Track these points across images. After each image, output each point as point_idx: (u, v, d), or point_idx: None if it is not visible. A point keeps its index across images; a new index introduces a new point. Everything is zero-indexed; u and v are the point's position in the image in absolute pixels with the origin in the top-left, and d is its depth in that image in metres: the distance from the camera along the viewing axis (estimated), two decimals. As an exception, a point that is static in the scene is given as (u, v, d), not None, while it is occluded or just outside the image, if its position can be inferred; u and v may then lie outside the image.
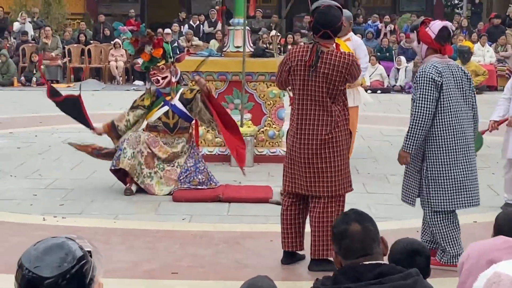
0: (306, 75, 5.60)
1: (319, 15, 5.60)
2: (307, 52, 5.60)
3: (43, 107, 15.61)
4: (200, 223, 7.23)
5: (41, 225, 7.08)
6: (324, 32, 5.58)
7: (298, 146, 5.69)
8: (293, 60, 5.67)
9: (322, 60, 5.56)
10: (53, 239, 2.66)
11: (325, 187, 5.69)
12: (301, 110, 5.67)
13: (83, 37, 22.05)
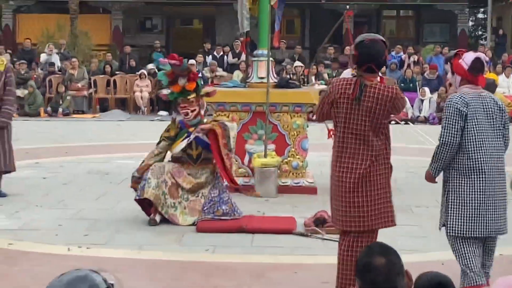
0: (349, 108, 5.59)
1: (363, 49, 5.60)
2: (351, 85, 5.60)
3: (69, 138, 15.75)
4: (224, 254, 7.22)
5: (66, 256, 7.11)
6: (368, 66, 5.58)
7: (337, 179, 5.65)
8: (336, 93, 5.66)
9: (366, 93, 5.55)
10: (77, 271, 2.66)
11: (357, 221, 5.60)
12: (342, 143, 5.64)
13: (108, 68, 22.24)
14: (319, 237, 7.77)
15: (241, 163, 10.10)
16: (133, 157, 12.84)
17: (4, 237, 7.75)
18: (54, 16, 27.59)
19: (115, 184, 10.58)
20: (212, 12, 29.80)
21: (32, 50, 24.08)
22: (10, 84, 9.44)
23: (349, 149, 5.61)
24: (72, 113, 20.63)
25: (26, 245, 7.51)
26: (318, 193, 9.91)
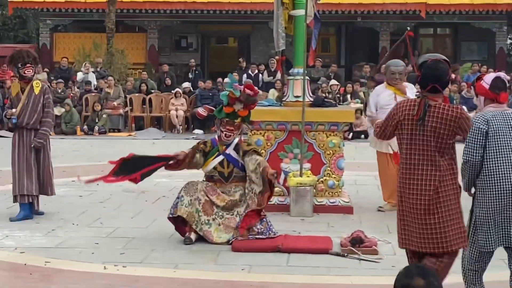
0: (414, 129, 5.61)
1: (427, 70, 5.64)
2: (415, 106, 5.62)
3: (105, 156, 15.83)
4: (260, 274, 7.19)
5: (102, 274, 7.13)
6: (432, 86, 5.60)
7: (409, 201, 5.63)
8: (401, 115, 5.68)
9: (430, 113, 5.57)
10: None
11: (436, 243, 5.59)
12: (409, 165, 5.64)
13: (144, 86, 22.40)
14: (355, 257, 7.71)
15: (276, 182, 10.06)
16: (169, 176, 12.89)
17: (41, 255, 7.80)
18: (90, 35, 27.91)
19: (150, 203, 10.61)
20: (247, 31, 29.91)
21: (68, 69, 24.35)
22: (48, 106, 9.50)
23: (416, 170, 5.61)
24: (108, 132, 20.79)
25: (62, 263, 7.54)
26: (354, 212, 9.85)
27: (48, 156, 9.58)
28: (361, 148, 17.08)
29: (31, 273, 7.08)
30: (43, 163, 9.51)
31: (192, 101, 21.88)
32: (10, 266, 7.43)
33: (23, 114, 9.40)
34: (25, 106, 9.41)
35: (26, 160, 9.38)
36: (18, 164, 9.41)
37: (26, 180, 9.36)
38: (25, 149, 9.41)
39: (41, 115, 9.41)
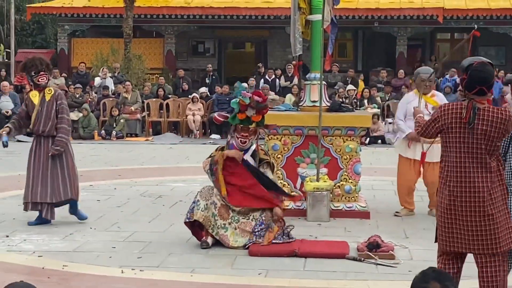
0: (463, 132, 5.61)
1: (474, 72, 5.63)
2: (462, 109, 5.62)
3: (122, 161, 15.92)
4: (277, 278, 7.20)
5: (119, 278, 7.16)
6: (479, 89, 5.61)
7: (462, 204, 5.62)
8: (446, 118, 5.68)
9: (479, 116, 5.58)
10: None
11: (490, 244, 5.59)
12: (460, 168, 5.63)
13: (161, 91, 22.47)
14: (372, 262, 7.71)
15: (293, 186, 10.08)
16: (186, 180, 12.95)
17: (58, 259, 7.84)
18: (108, 40, 28.02)
19: (167, 207, 10.64)
20: (264, 36, 29.94)
21: (86, 74, 24.47)
22: (62, 111, 9.40)
23: (469, 173, 5.60)
24: (126, 136, 20.86)
25: (80, 267, 7.58)
26: (371, 217, 9.84)
27: (71, 161, 9.44)
28: (378, 153, 17.07)
29: (49, 277, 7.12)
30: (67, 168, 9.38)
31: (209, 106, 21.93)
32: (28, 269, 7.48)
33: (38, 122, 9.36)
34: (39, 113, 9.37)
35: (42, 167, 9.34)
36: (32, 171, 9.37)
37: (39, 187, 9.33)
38: (42, 157, 9.36)
39: (55, 121, 9.34)
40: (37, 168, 9.35)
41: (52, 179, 9.35)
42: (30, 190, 9.37)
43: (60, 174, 9.38)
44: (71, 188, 9.44)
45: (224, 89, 22.06)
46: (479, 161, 5.57)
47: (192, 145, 19.22)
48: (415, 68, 28.03)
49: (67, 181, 9.41)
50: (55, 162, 9.38)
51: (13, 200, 10.95)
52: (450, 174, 5.66)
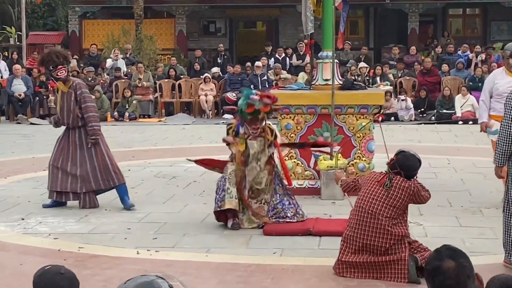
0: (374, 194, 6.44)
1: (401, 157, 6.58)
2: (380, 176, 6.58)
3: (136, 142, 15.94)
4: (292, 257, 7.22)
5: (135, 259, 7.19)
6: (398, 172, 6.52)
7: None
8: (367, 182, 6.59)
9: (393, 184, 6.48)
10: (143, 277, 2.68)
11: None
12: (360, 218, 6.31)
13: (173, 72, 22.44)
14: (386, 239, 7.70)
15: (307, 165, 10.08)
16: (199, 161, 12.94)
17: (74, 241, 7.89)
18: (119, 22, 27.96)
19: (182, 188, 10.67)
20: (275, 15, 29.81)
21: (97, 56, 24.45)
22: (84, 101, 9.30)
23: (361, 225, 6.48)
24: (138, 117, 20.87)
25: (96, 248, 7.62)
26: (385, 195, 9.82)
27: (99, 151, 9.34)
28: (391, 131, 17.01)
29: (65, 259, 7.15)
30: (96, 156, 9.31)
31: (221, 86, 21.90)
32: (44, 252, 7.52)
33: (62, 115, 9.35)
34: (62, 107, 9.35)
35: (71, 157, 9.28)
36: (59, 161, 9.34)
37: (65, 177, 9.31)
38: (69, 146, 9.32)
39: (76, 113, 9.24)
40: (65, 158, 9.29)
41: (82, 170, 9.28)
42: (57, 179, 9.32)
43: (89, 164, 9.31)
44: (106, 178, 9.35)
45: (236, 68, 22.00)
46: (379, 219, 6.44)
47: (205, 126, 19.21)
48: (427, 44, 28.08)
49: (102, 172, 9.33)
50: (83, 153, 9.30)
51: (28, 182, 11.00)
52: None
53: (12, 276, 6.70)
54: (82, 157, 9.31)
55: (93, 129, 9.29)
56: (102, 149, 9.39)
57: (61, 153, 9.36)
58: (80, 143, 9.33)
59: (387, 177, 6.47)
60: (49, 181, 9.42)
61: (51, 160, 9.42)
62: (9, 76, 21.56)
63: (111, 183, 9.40)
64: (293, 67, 23.13)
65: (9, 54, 27.10)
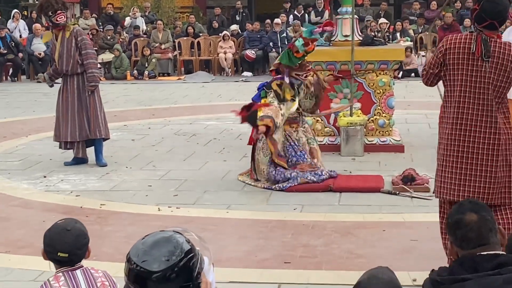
0: (473, 67, 5.12)
1: (488, 4, 5.12)
2: (471, 41, 5.13)
3: (155, 100, 15.97)
4: (312, 213, 7.24)
5: (156, 215, 7.25)
6: (490, 23, 5.13)
7: (467, 150, 5.20)
8: (452, 52, 5.16)
9: (493, 49, 5.10)
10: (161, 233, 2.70)
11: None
12: (461, 109, 5.17)
13: (191, 30, 22.36)
14: (407, 195, 7.72)
15: (326, 122, 10.06)
16: (219, 118, 12.98)
17: (96, 198, 7.95)
18: (138, -20, 27.83)
19: (201, 145, 10.70)
20: (294, -29, 29.56)
21: (115, 14, 24.37)
22: (85, 47, 9.31)
23: (469, 115, 5.16)
24: (158, 76, 20.87)
25: (117, 205, 7.68)
26: (405, 151, 9.82)
27: (92, 102, 9.35)
28: (411, 87, 16.94)
29: (87, 216, 7.22)
30: (89, 108, 9.31)
31: (240, 43, 21.82)
32: (66, 209, 7.59)
33: (61, 61, 9.33)
34: (61, 53, 9.32)
35: (70, 106, 9.32)
36: (61, 111, 9.40)
37: (66, 126, 9.35)
38: (69, 96, 9.35)
39: (77, 59, 9.27)
40: (65, 107, 9.38)
41: (79, 118, 9.36)
42: (60, 129, 9.44)
43: (84, 112, 9.35)
44: (94, 128, 9.37)
45: (255, 26, 21.89)
46: (484, 105, 5.14)
47: (224, 83, 19.20)
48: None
49: (91, 121, 9.35)
50: (81, 100, 9.35)
51: (50, 141, 11.04)
52: (450, 115, 5.24)
53: (35, 233, 6.76)
54: (79, 105, 9.35)
55: (94, 75, 9.33)
56: (95, 99, 9.41)
57: (62, 104, 9.40)
58: (78, 91, 9.36)
59: (480, 39, 5.12)
60: (56, 131, 9.52)
61: (56, 112, 9.51)
62: (28, 35, 21.58)
63: (97, 134, 9.42)
64: (312, 23, 22.98)
65: (28, 13, 27.08)
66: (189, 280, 2.64)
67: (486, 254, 3.06)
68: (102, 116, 9.46)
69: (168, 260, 2.59)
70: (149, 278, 2.59)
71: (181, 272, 2.61)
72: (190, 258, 2.64)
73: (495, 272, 2.96)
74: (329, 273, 5.69)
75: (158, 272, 2.58)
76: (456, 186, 5.27)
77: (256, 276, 5.68)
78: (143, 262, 2.60)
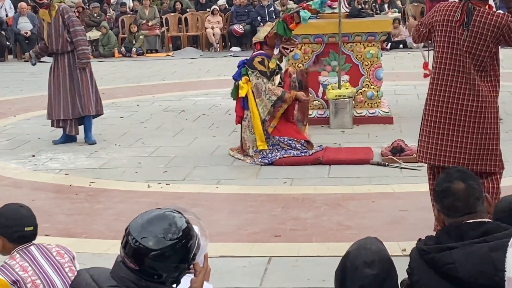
0: (453, 34, 5.20)
1: None
2: (457, 10, 5.20)
3: (143, 77, 15.92)
4: (301, 186, 7.25)
5: (146, 192, 7.24)
6: None
7: (444, 116, 5.27)
8: (438, 19, 5.27)
9: (475, 18, 5.14)
10: (161, 209, 2.74)
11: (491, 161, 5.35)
12: (442, 75, 5.26)
13: (179, 5, 22.25)
14: (396, 166, 7.74)
15: (315, 95, 10.04)
16: (208, 94, 12.95)
17: (85, 176, 7.94)
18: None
19: (190, 121, 10.68)
20: None
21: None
22: (73, 25, 9.28)
23: (445, 81, 5.25)
24: (146, 53, 20.79)
25: (107, 183, 7.67)
26: (394, 122, 9.82)
27: (85, 78, 9.35)
28: (399, 58, 16.93)
29: (77, 194, 7.22)
30: (81, 85, 9.31)
31: (228, 18, 21.73)
32: (56, 188, 7.58)
33: (51, 41, 9.28)
34: (50, 32, 9.27)
35: (62, 84, 9.30)
36: (53, 89, 9.38)
37: (61, 105, 9.34)
38: (60, 75, 9.33)
39: (65, 37, 9.24)
40: (57, 86, 9.36)
41: (71, 95, 9.34)
42: (52, 108, 9.41)
43: (76, 90, 9.33)
44: (87, 105, 9.36)
45: (242, 0, 21.80)
46: (462, 70, 5.20)
47: (213, 59, 19.14)
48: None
49: (83, 98, 9.34)
50: (72, 78, 9.32)
51: (38, 120, 11.03)
52: (434, 81, 5.32)
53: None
54: (71, 83, 9.32)
55: (84, 52, 9.33)
56: (87, 76, 9.39)
57: (54, 82, 9.37)
58: (69, 69, 9.33)
59: (465, 8, 5.19)
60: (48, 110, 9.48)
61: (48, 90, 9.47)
62: (14, 14, 21.44)
63: (90, 111, 9.41)
64: (299, -4, 22.89)
65: (13, -8, 26.86)
66: (185, 260, 2.69)
67: (472, 222, 3.07)
68: (94, 93, 9.45)
69: (164, 238, 2.64)
70: (147, 255, 2.64)
71: (178, 252, 2.67)
72: (189, 239, 2.69)
73: (481, 239, 2.97)
74: (319, 245, 5.70)
75: (157, 251, 2.63)
76: (434, 151, 5.36)
77: (247, 250, 5.70)
78: (143, 238, 2.64)
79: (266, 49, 8.38)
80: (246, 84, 8.23)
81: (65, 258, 3.67)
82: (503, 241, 2.94)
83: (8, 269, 3.55)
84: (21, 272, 3.54)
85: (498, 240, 2.96)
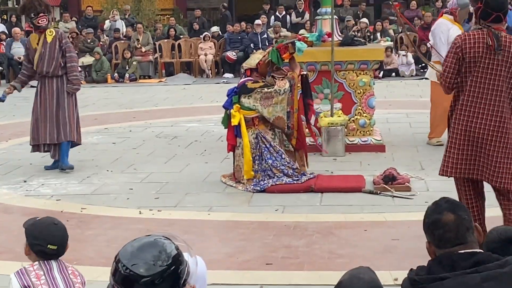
0: (487, 61, 5.43)
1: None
2: (484, 36, 5.42)
3: (136, 103, 15.93)
4: (293, 214, 7.24)
5: (138, 219, 7.22)
6: (496, 16, 5.45)
7: (469, 134, 5.53)
8: (468, 47, 5.44)
9: (504, 44, 5.41)
10: (151, 236, 2.74)
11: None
12: (476, 98, 5.49)
13: (173, 31, 22.33)
14: (388, 194, 7.74)
15: (307, 122, 10.05)
16: (201, 120, 12.96)
17: (77, 202, 7.92)
18: (117, -18, 27.73)
19: (183, 147, 10.68)
20: (274, -28, 29.57)
21: (94, 17, 24.26)
22: (69, 50, 9.36)
23: (482, 105, 5.47)
24: (139, 78, 20.83)
25: (98, 209, 7.65)
26: (386, 150, 9.84)
27: (71, 104, 9.33)
28: (392, 86, 17.00)
29: (68, 220, 7.16)
30: (68, 110, 9.26)
31: (221, 45, 21.81)
32: (47, 213, 7.50)
33: (42, 63, 9.28)
34: (42, 55, 9.27)
35: (49, 108, 9.26)
36: (40, 113, 9.33)
37: (45, 129, 9.28)
38: (48, 98, 9.29)
39: (59, 61, 9.26)
40: (43, 109, 9.31)
41: (57, 120, 9.30)
42: (38, 132, 9.36)
43: (61, 115, 9.29)
44: (71, 130, 9.31)
45: (235, 27, 21.90)
46: (494, 95, 5.45)
47: (205, 85, 19.19)
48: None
49: (67, 123, 9.28)
50: (59, 103, 9.29)
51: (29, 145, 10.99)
52: (467, 107, 5.52)
53: (15, 238, 6.72)
54: (57, 107, 9.30)
55: (77, 78, 9.41)
56: (74, 102, 9.41)
57: (40, 106, 9.35)
58: (57, 93, 9.31)
59: (491, 33, 5.45)
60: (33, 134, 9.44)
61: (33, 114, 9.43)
62: (8, 40, 21.47)
63: (74, 137, 9.39)
64: (292, 24, 23.00)
65: (7, 17, 26.95)
66: (175, 287, 2.68)
67: (464, 253, 3.07)
68: (76, 120, 9.44)
69: (154, 265, 2.63)
70: (138, 281, 2.62)
71: (168, 278, 2.65)
72: (178, 265, 2.68)
73: (473, 270, 2.97)
74: (311, 274, 5.69)
75: (147, 277, 2.61)
76: (460, 165, 5.64)
77: (238, 278, 5.68)
78: (133, 265, 2.62)
79: (255, 76, 8.42)
80: (238, 112, 8.25)
81: (78, 279, 3.82)
82: (495, 271, 2.94)
83: (24, 273, 3.72)
84: (34, 279, 3.70)
85: (489, 271, 2.96)
